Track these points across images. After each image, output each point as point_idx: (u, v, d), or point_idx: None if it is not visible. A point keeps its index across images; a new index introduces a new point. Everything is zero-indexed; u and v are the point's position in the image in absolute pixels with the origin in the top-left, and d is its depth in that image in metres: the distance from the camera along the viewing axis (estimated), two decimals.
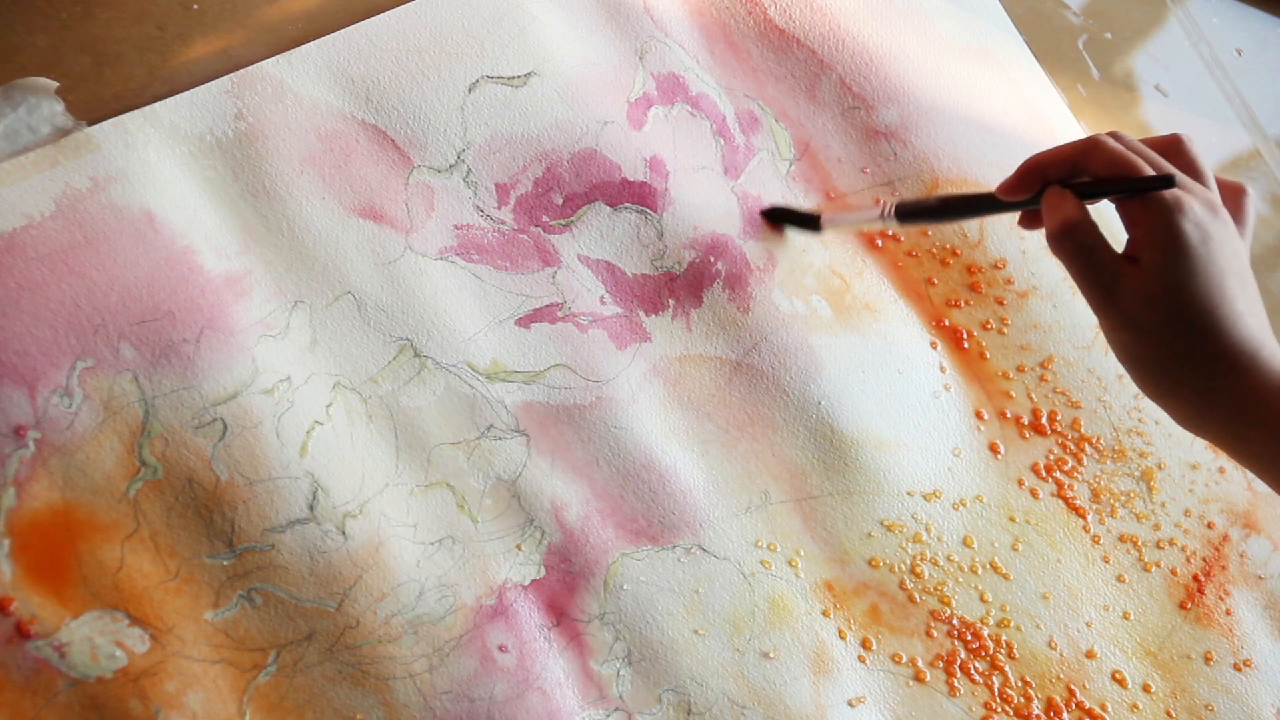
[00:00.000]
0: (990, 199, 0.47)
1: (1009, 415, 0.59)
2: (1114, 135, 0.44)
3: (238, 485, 0.47)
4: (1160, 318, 0.41)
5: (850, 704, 0.52)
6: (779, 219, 0.58)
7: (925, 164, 0.61)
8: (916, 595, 0.55)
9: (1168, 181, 0.41)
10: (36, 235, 0.46)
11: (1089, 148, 0.44)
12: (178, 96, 0.50)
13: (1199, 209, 0.42)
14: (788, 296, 0.57)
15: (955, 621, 0.55)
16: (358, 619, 0.47)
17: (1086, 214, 0.43)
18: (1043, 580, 0.57)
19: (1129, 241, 0.43)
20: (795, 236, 0.58)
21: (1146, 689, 0.56)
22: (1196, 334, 0.41)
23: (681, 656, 0.51)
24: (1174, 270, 0.41)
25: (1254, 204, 0.46)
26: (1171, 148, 0.44)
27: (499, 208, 0.54)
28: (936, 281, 0.61)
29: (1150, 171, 0.42)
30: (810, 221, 0.57)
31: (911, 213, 0.52)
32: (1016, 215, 0.49)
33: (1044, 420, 0.59)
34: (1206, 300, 0.41)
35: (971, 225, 0.61)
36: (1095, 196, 0.44)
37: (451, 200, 0.53)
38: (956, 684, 0.54)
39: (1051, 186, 0.45)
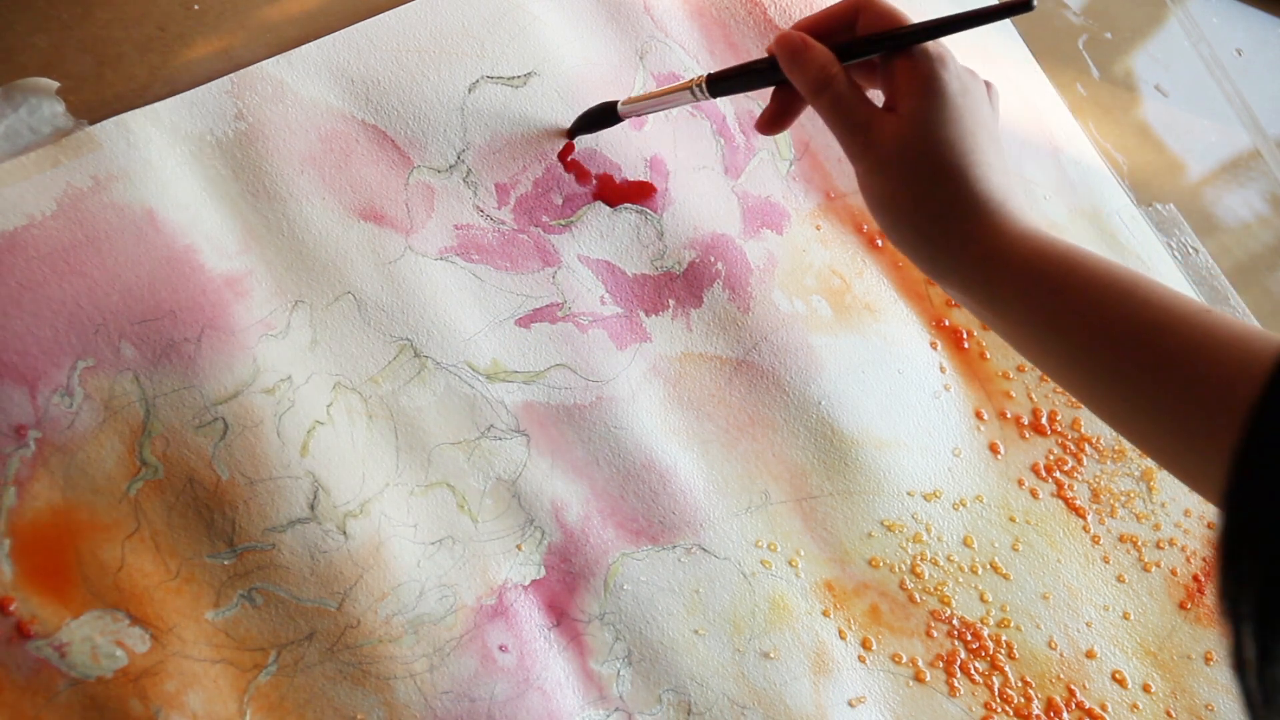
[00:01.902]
0: (779, 70, 0.45)
1: (1009, 415, 0.59)
2: None
3: (238, 485, 0.47)
4: (913, 162, 0.41)
5: (850, 704, 0.52)
6: (579, 131, 0.55)
7: None
8: (917, 595, 0.55)
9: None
10: (38, 234, 0.46)
11: (859, 3, 0.44)
12: (178, 96, 0.50)
13: (959, 64, 0.43)
14: (788, 296, 0.57)
15: (955, 621, 0.55)
16: (358, 619, 0.47)
17: (841, 66, 0.43)
18: (1043, 580, 0.57)
19: (888, 94, 0.44)
20: (795, 236, 0.58)
21: (1146, 689, 0.56)
22: (946, 178, 0.41)
23: (681, 656, 0.51)
24: (931, 115, 0.41)
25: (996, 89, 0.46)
26: (864, 4, 0.44)
27: (499, 208, 0.54)
28: None
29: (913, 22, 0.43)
30: (606, 116, 0.54)
31: (719, 82, 0.49)
32: None
33: (1044, 420, 0.59)
34: (959, 146, 0.41)
35: None
36: (869, 52, 0.44)
37: (451, 200, 0.53)
38: (956, 684, 0.54)
39: (787, 30, 0.45)
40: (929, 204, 0.41)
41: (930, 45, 0.42)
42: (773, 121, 0.48)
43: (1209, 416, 0.36)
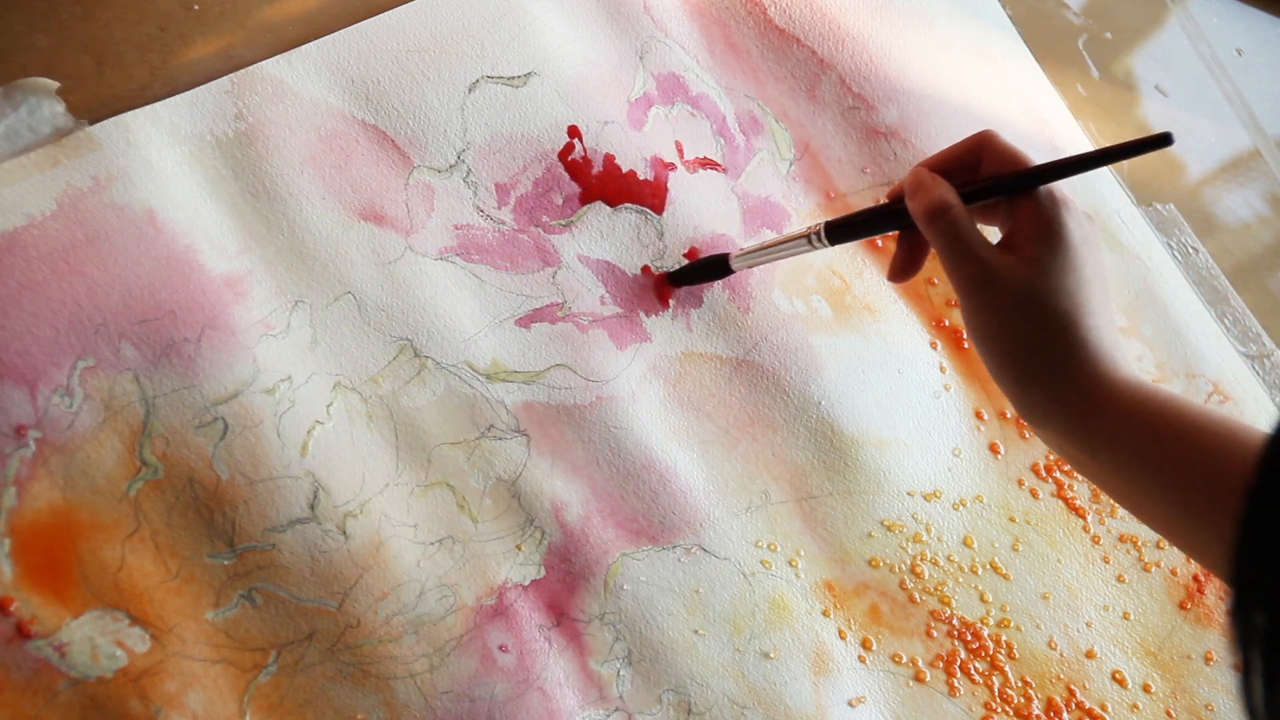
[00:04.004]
0: (903, 213, 0.45)
1: (1009, 415, 0.59)
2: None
3: (238, 485, 0.47)
4: (1031, 306, 0.41)
5: (850, 704, 0.52)
6: (682, 280, 0.55)
7: None
8: (917, 595, 0.55)
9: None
10: (38, 234, 0.46)
11: (982, 143, 0.44)
12: (178, 96, 0.50)
13: (1079, 211, 0.43)
14: (788, 296, 0.57)
15: (955, 621, 0.55)
16: (358, 618, 0.47)
17: (958, 197, 0.43)
18: (1043, 580, 0.57)
19: (1007, 234, 0.44)
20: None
21: (1146, 689, 0.56)
22: (1061, 326, 0.41)
23: (681, 656, 0.51)
24: (1054, 262, 0.41)
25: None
26: (986, 144, 0.44)
27: (499, 208, 0.54)
28: (936, 281, 0.61)
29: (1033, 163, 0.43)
30: (717, 268, 0.53)
31: (839, 229, 0.48)
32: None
33: None
34: (1077, 296, 0.41)
35: None
36: (995, 193, 0.44)
37: (451, 200, 0.53)
38: (956, 684, 0.54)
39: (914, 169, 0.45)
40: (1040, 348, 0.42)
41: (1055, 189, 0.42)
42: (901, 269, 0.47)
43: None
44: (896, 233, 0.51)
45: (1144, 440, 0.40)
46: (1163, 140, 0.40)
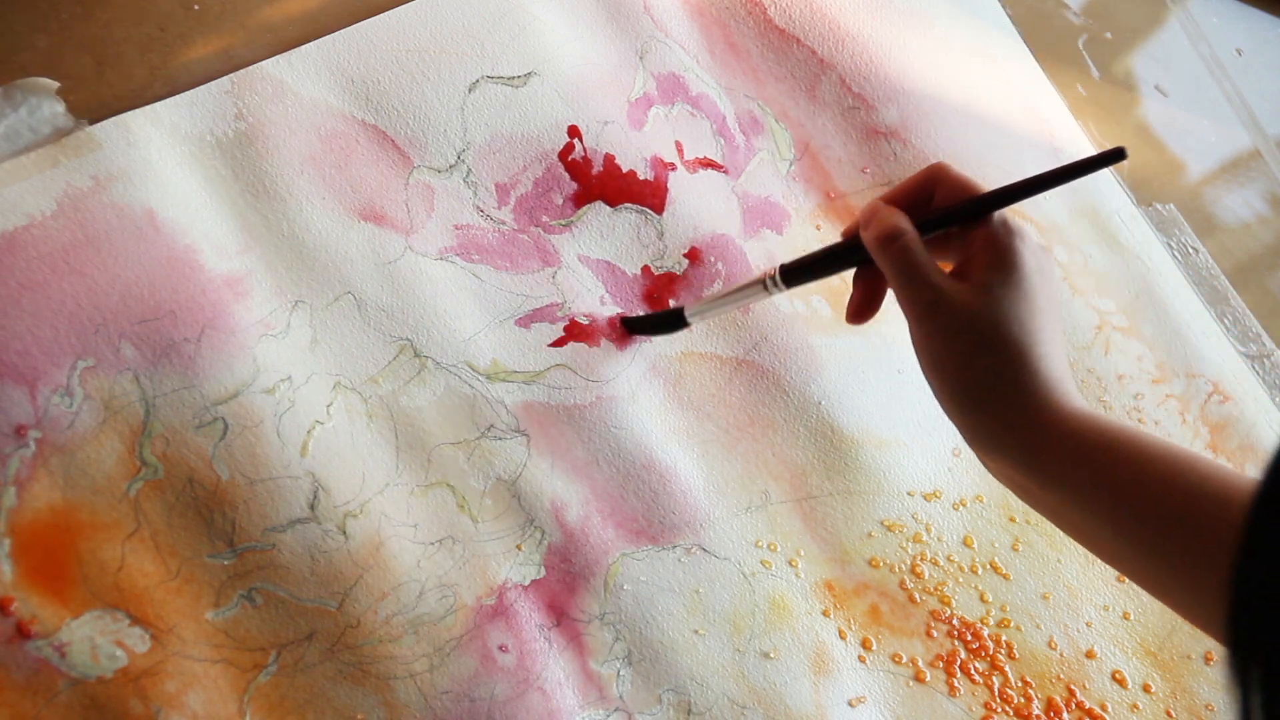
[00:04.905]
0: (859, 248, 0.45)
1: None
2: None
3: (238, 485, 0.47)
4: (980, 332, 0.41)
5: (850, 704, 0.52)
6: (639, 329, 0.54)
7: (925, 164, 0.61)
8: (917, 595, 0.55)
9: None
10: (38, 234, 0.46)
11: (935, 176, 0.44)
12: (178, 96, 0.50)
13: (1034, 241, 0.42)
14: (788, 296, 0.57)
15: (955, 621, 0.55)
16: (358, 618, 0.47)
17: (910, 224, 0.42)
18: (1043, 580, 0.57)
19: (959, 263, 0.43)
20: (795, 236, 0.58)
21: (1146, 689, 0.56)
22: (1010, 354, 0.41)
23: (681, 656, 0.51)
24: (1006, 290, 0.41)
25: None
26: (939, 176, 0.44)
27: (499, 208, 0.54)
28: None
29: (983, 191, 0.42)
30: (672, 320, 0.53)
31: (795, 272, 0.47)
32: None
33: None
34: (1028, 325, 0.41)
35: None
36: (949, 223, 0.43)
37: (451, 200, 0.53)
38: (956, 684, 0.54)
39: (872, 201, 0.44)
40: (988, 375, 0.41)
41: (1009, 218, 0.42)
42: (860, 310, 0.47)
43: None
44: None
45: (1095, 470, 0.40)
46: (1115, 156, 0.40)
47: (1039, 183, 0.42)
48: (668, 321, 0.53)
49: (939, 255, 0.45)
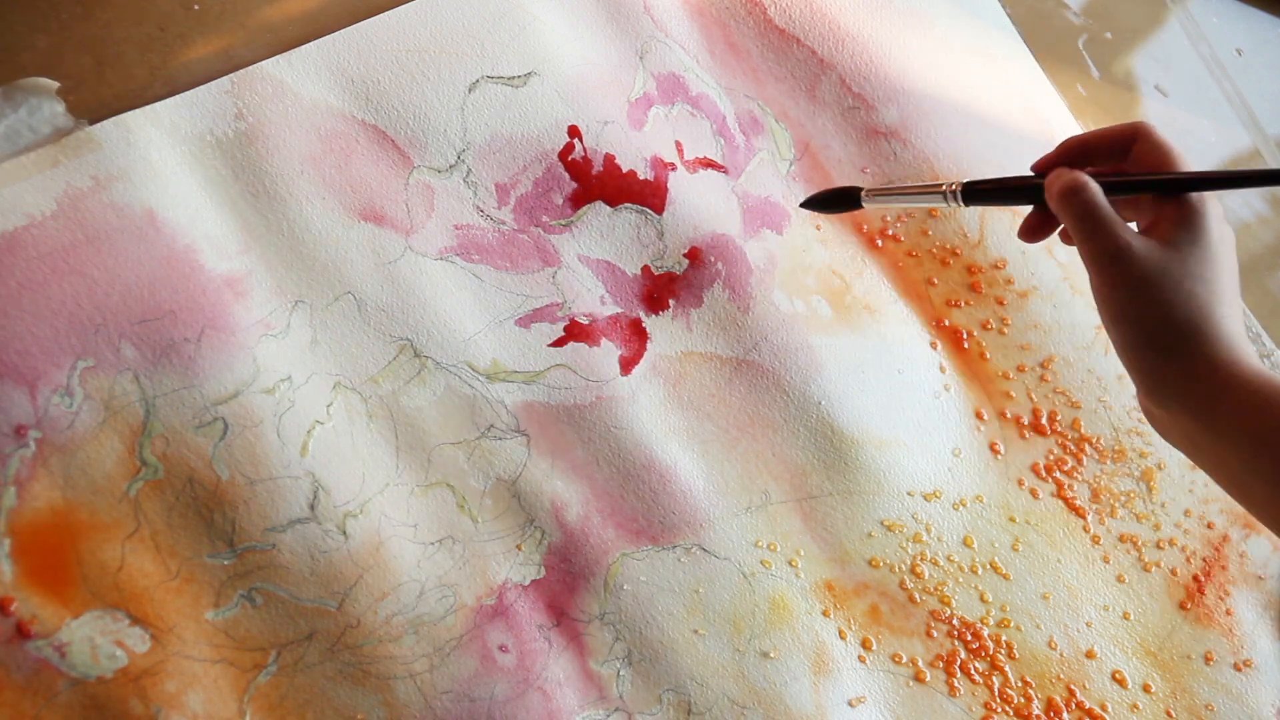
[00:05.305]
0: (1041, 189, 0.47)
1: (1009, 415, 0.59)
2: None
3: (238, 485, 0.47)
4: (1168, 287, 0.42)
5: (850, 704, 0.52)
6: (813, 205, 0.56)
7: (925, 164, 0.61)
8: (916, 595, 0.55)
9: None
10: (38, 234, 0.46)
11: (1136, 132, 0.45)
12: (178, 96, 0.50)
13: (1222, 214, 0.44)
14: (788, 296, 0.57)
15: (955, 621, 0.55)
16: (358, 618, 0.47)
17: (1093, 182, 0.44)
18: (1043, 580, 0.57)
19: (1148, 221, 0.45)
20: (795, 236, 0.58)
21: (1146, 689, 0.56)
22: (1194, 310, 0.42)
23: (681, 656, 0.51)
24: (1195, 250, 0.43)
25: None
26: (1141, 133, 0.45)
27: (499, 208, 0.54)
28: (936, 281, 0.61)
29: (1188, 169, 0.44)
30: (848, 198, 0.54)
31: (977, 193, 0.49)
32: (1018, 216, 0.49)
33: (1044, 420, 0.59)
34: (1213, 285, 0.43)
35: (972, 225, 0.61)
36: (1135, 191, 0.45)
37: (451, 200, 0.53)
38: (956, 684, 0.54)
39: (1064, 143, 0.46)
40: (1171, 328, 0.43)
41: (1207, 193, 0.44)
42: (1032, 230, 0.49)
43: None
44: (895, 234, 0.51)
45: (1267, 424, 0.41)
46: None
47: (1245, 179, 0.45)
48: (843, 199, 0.54)
49: (1125, 214, 0.46)
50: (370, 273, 0.51)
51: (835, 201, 0.55)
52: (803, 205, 0.56)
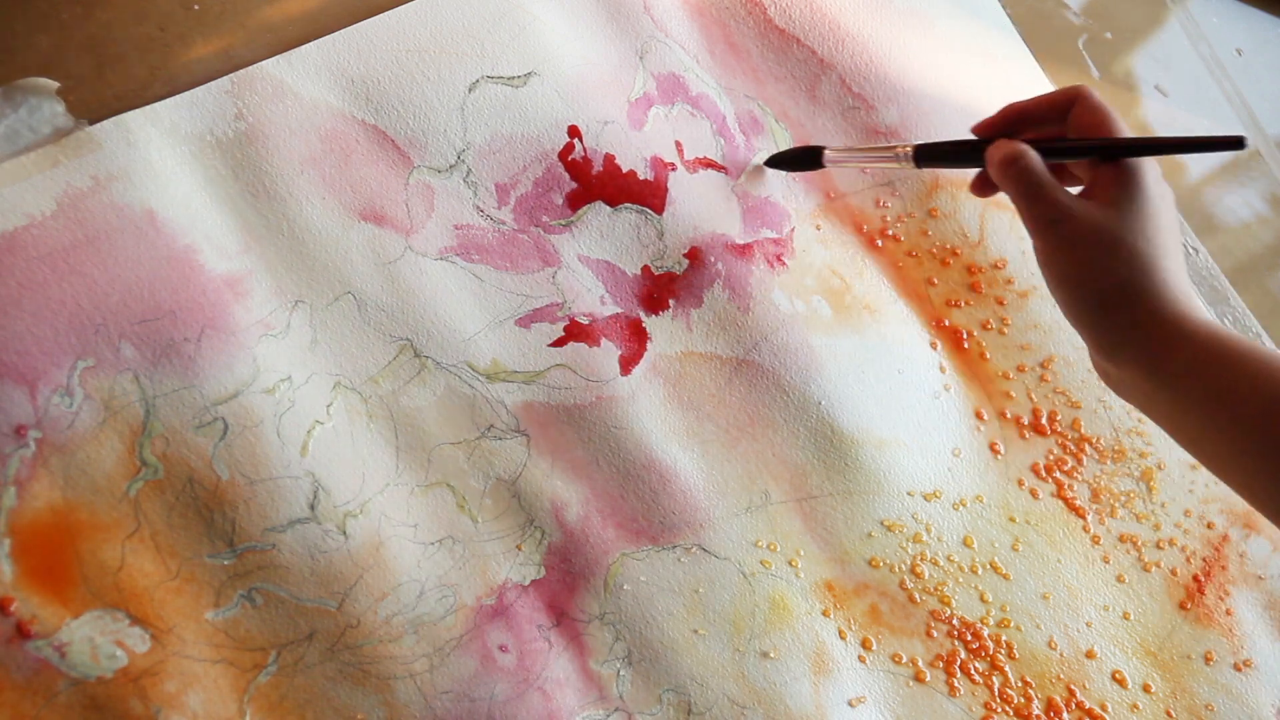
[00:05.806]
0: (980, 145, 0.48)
1: (1009, 415, 0.59)
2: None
3: (238, 485, 0.47)
4: (1107, 245, 0.43)
5: (850, 704, 0.52)
6: (777, 164, 0.58)
7: None
8: (916, 595, 0.55)
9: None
10: (38, 234, 0.46)
11: (1075, 97, 0.45)
12: (178, 96, 0.50)
13: (1158, 173, 0.44)
14: (788, 296, 0.57)
15: (955, 621, 0.55)
16: (358, 618, 0.47)
17: (1032, 150, 0.45)
18: (1043, 580, 0.57)
19: (1085, 183, 0.45)
20: (796, 237, 0.58)
21: (1146, 689, 0.56)
22: (1137, 265, 0.43)
23: (681, 656, 0.51)
24: (1132, 206, 0.43)
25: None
26: (1079, 97, 0.46)
27: (499, 208, 0.54)
28: (936, 281, 0.61)
29: (1125, 132, 0.44)
30: (810, 157, 0.57)
31: (926, 154, 0.51)
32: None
33: (1044, 420, 0.59)
34: (1154, 240, 0.43)
35: (972, 225, 0.61)
36: (1073, 156, 0.46)
37: (451, 200, 0.53)
38: (956, 684, 0.54)
39: (1003, 109, 0.47)
40: (1115, 285, 0.43)
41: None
42: (982, 186, 0.50)
43: None
44: (892, 225, 0.51)
45: (1219, 376, 0.41)
46: (1236, 143, 0.42)
47: (1171, 145, 0.45)
48: (806, 158, 0.57)
49: (1062, 179, 0.47)
50: (370, 273, 0.51)
51: (799, 160, 0.57)
52: (767, 164, 0.58)
